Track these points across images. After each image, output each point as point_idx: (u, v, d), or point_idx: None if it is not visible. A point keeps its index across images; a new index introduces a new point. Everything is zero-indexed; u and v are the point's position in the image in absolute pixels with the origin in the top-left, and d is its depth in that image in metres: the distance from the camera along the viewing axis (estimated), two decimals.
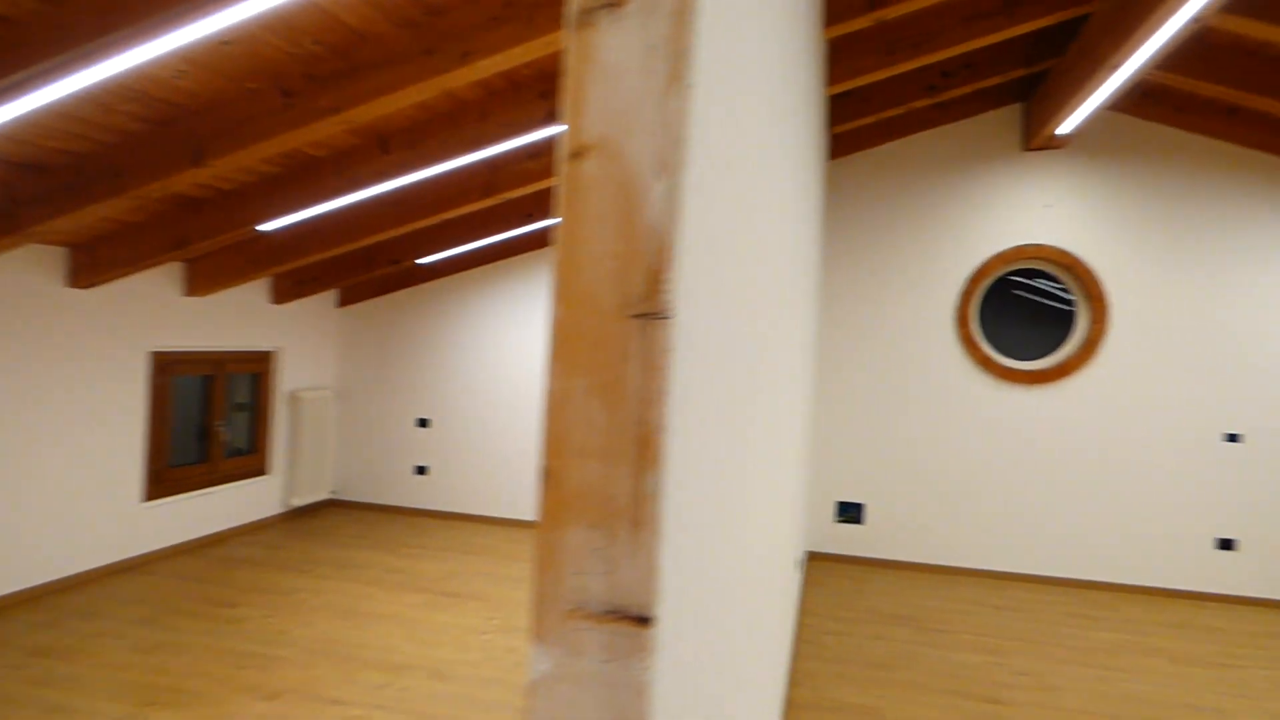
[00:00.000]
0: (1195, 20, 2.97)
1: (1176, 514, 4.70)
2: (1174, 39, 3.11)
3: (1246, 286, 4.62)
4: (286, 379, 5.57)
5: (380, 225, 4.27)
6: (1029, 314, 5.19)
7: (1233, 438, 4.63)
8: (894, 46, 3.64)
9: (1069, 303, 4.99)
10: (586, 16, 0.67)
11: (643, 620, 0.65)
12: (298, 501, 5.61)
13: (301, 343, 5.71)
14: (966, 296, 4.87)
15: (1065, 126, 4.25)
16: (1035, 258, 4.81)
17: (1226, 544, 4.65)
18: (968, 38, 3.51)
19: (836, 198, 5.11)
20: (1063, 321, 5.02)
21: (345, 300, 6.10)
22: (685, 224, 0.67)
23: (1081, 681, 3.43)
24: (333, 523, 5.54)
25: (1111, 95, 3.78)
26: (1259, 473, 4.61)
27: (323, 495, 5.87)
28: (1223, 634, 4.11)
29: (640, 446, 0.65)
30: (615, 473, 0.65)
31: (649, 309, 0.65)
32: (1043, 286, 5.16)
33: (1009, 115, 4.86)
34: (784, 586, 2.72)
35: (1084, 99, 3.79)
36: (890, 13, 3.11)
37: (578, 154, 0.67)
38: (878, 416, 5.04)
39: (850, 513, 5.08)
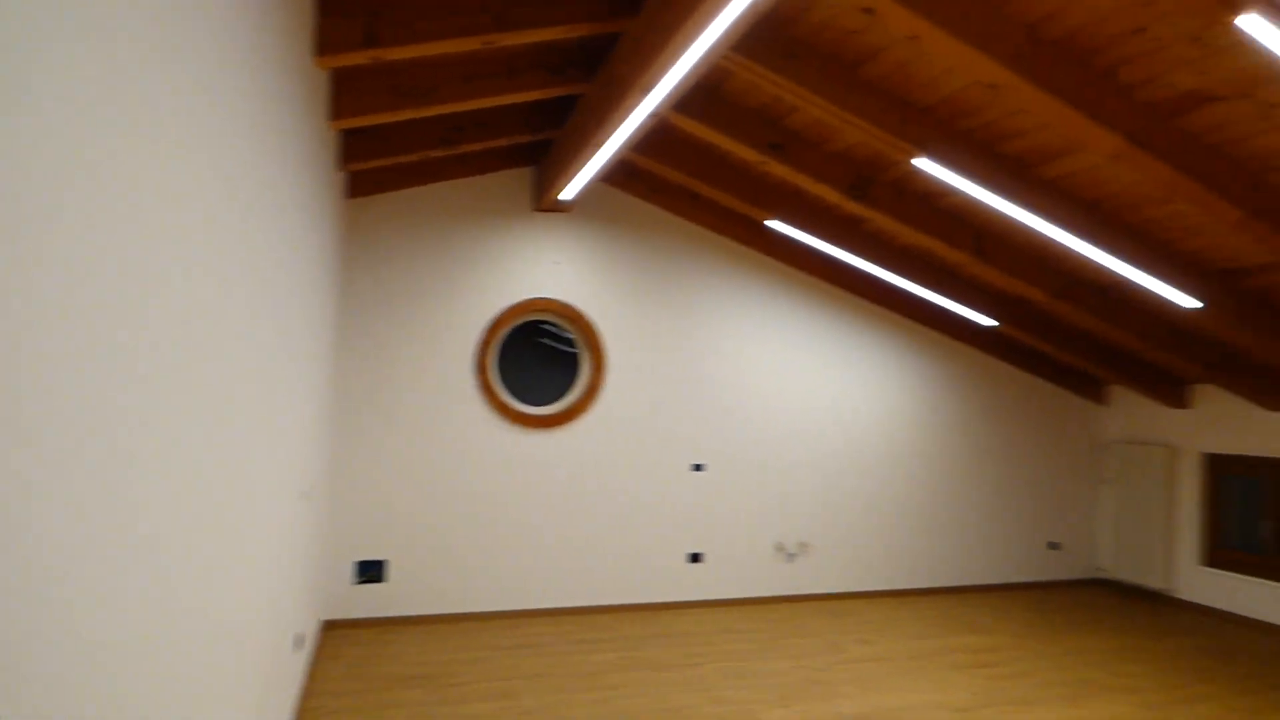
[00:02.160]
0: (654, 115, 3.48)
1: (659, 535, 5.44)
2: (641, 128, 3.61)
3: (709, 341, 5.62)
4: None
5: None
6: (557, 361, 5.57)
7: (698, 467, 5.55)
8: (403, 91, 3.57)
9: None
10: None
11: None
12: None
13: None
14: (485, 345, 5.02)
15: (567, 193, 4.68)
16: (545, 310, 5.19)
17: (696, 557, 5.53)
18: (471, 95, 3.60)
19: (361, 238, 4.85)
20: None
21: None
22: None
23: (584, 707, 3.66)
24: None
25: (601, 170, 4.26)
26: (717, 495, 5.60)
27: None
28: (691, 636, 4.82)
29: None
30: None
31: None
32: (566, 334, 5.61)
33: (521, 176, 5.20)
34: (272, 678, 2.33)
35: (578, 170, 4.19)
36: (388, 54, 3.02)
37: None
38: (400, 468, 4.87)
39: (371, 571, 4.78)
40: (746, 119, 4.09)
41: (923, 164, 3.71)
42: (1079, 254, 4.63)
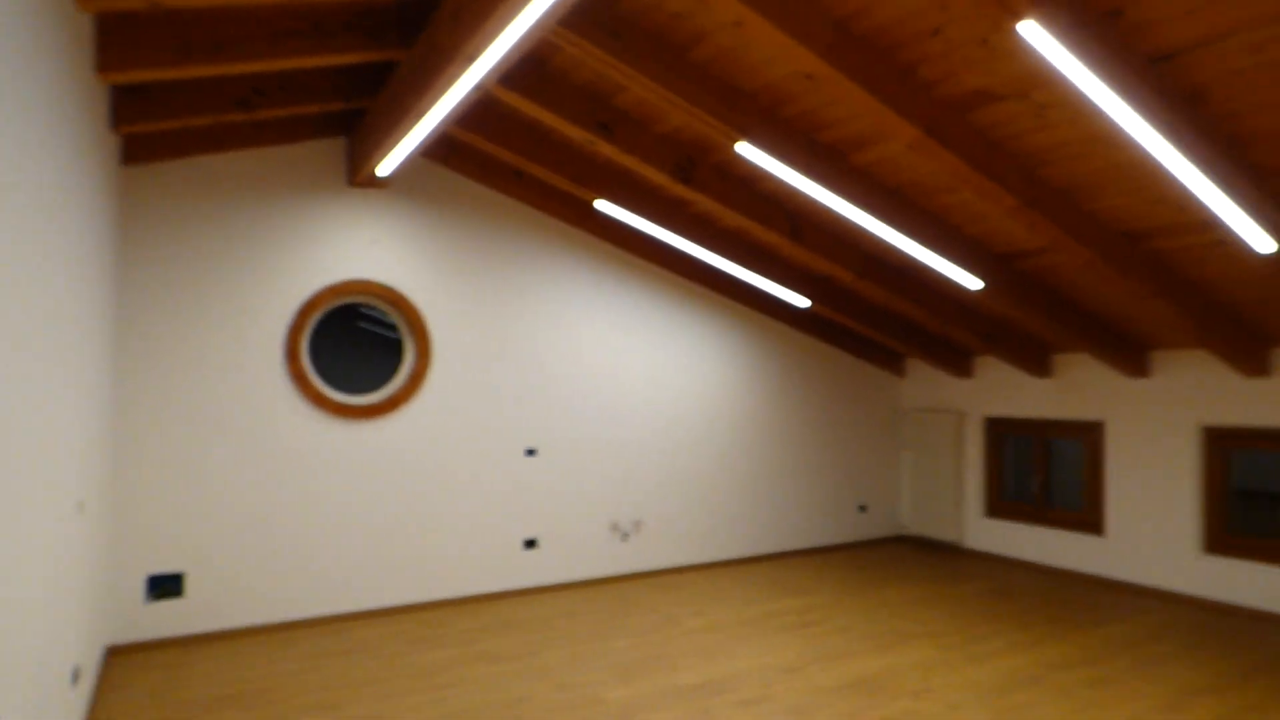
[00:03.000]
0: (478, 88, 3.31)
1: (493, 524, 5.30)
2: (464, 101, 3.43)
3: (539, 324, 5.51)
4: None
5: None
6: (381, 347, 5.21)
7: (531, 452, 5.46)
8: (189, 45, 3.16)
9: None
10: None
11: None
12: None
13: None
14: (296, 331, 4.62)
15: (384, 167, 4.38)
16: (363, 293, 4.86)
17: (531, 543, 5.45)
18: (273, 55, 3.25)
19: (145, 211, 4.26)
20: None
21: None
22: None
23: (417, 710, 3.48)
24: None
25: (422, 144, 4.01)
26: (550, 479, 5.54)
27: None
28: (530, 624, 4.75)
29: None
30: None
31: None
32: (390, 319, 5.27)
33: (334, 147, 4.80)
34: None
35: (396, 143, 3.93)
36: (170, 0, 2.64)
37: None
38: (199, 470, 4.37)
39: (167, 586, 4.27)
40: (574, 97, 4.01)
41: (745, 149, 3.82)
42: (881, 237, 5.00)
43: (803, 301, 6.11)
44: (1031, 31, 2.62)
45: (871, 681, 3.89)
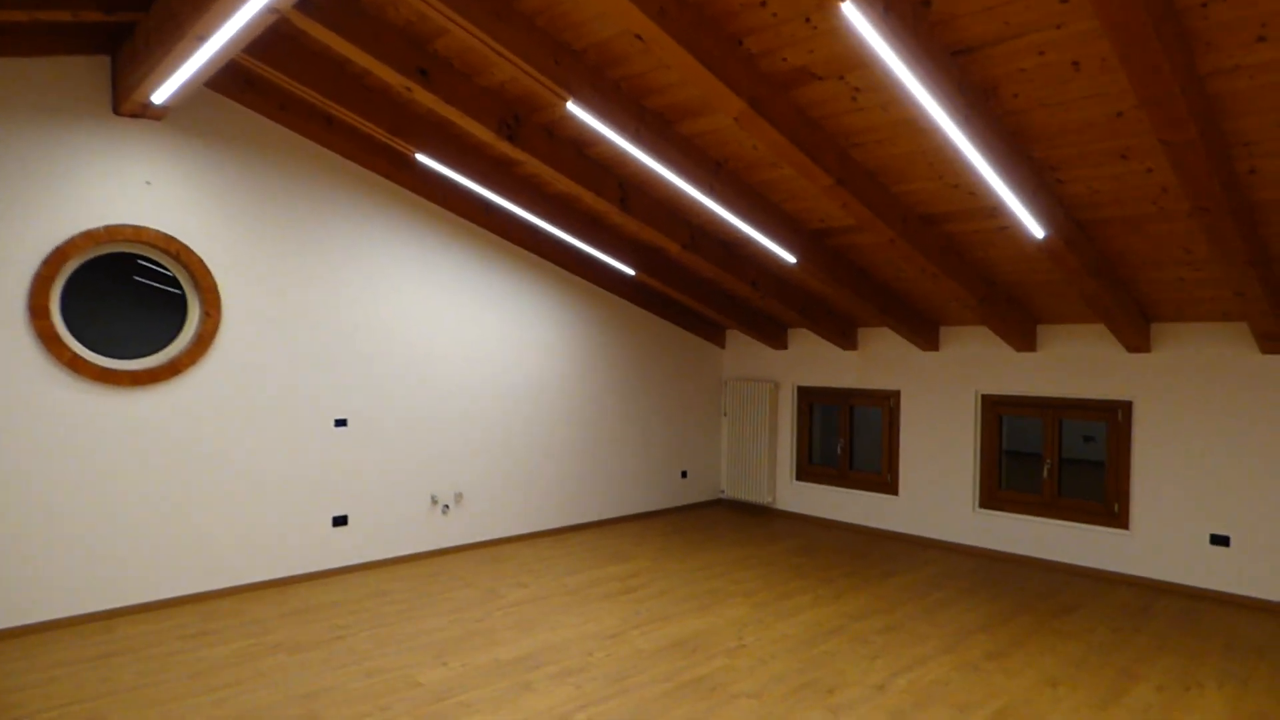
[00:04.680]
0: (273, 10, 2.91)
1: (296, 501, 4.87)
2: (255, 26, 3.01)
3: (351, 284, 5.08)
4: None
5: None
6: (163, 305, 4.50)
7: (341, 422, 5.06)
8: None
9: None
10: None
11: None
12: None
13: None
14: (44, 282, 3.92)
15: (159, 95, 3.80)
16: (135, 240, 4.22)
17: (340, 520, 5.07)
18: None
19: None
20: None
21: None
22: None
23: (194, 713, 3.11)
24: None
25: (204, 70, 3.51)
26: (364, 451, 5.17)
27: None
28: (337, 607, 4.42)
29: None
30: None
31: None
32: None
33: (95, 66, 4.10)
34: None
35: (172, 67, 3.40)
36: None
37: None
38: None
39: None
40: (391, 36, 3.67)
41: (575, 109, 3.67)
42: (706, 209, 5.06)
43: (629, 270, 6.09)
44: (851, 13, 2.67)
45: (690, 641, 3.98)
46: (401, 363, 5.36)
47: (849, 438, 7.01)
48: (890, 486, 6.61)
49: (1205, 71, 2.86)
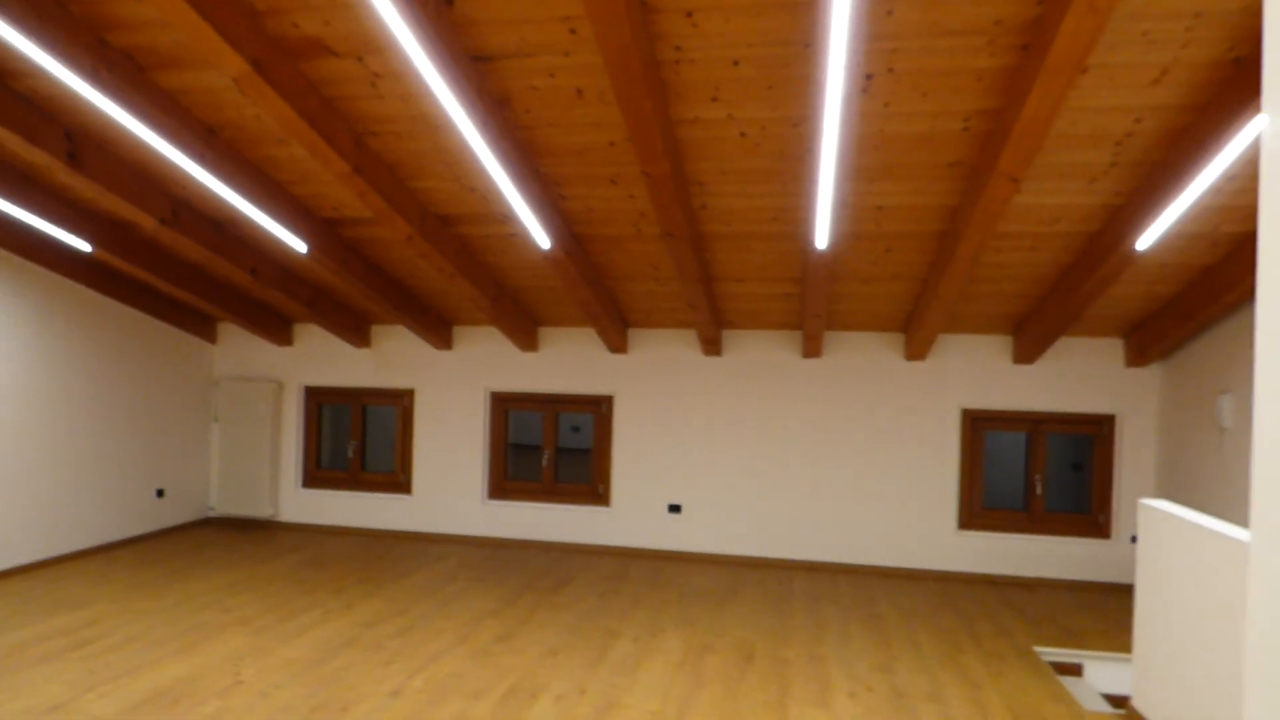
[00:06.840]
0: None
1: None
2: None
3: None
4: None
5: None
6: None
7: None
8: None
9: None
10: None
11: None
12: None
13: None
14: None
15: None
16: None
17: None
18: None
19: None
20: None
21: None
22: None
23: None
24: None
25: None
26: None
27: None
28: None
29: None
30: None
31: None
32: None
33: None
34: None
35: None
36: None
37: None
38: None
39: None
40: None
41: None
42: (194, 181, 4.33)
43: (84, 246, 4.87)
44: None
45: (171, 691, 3.33)
46: None
47: (362, 439, 6.75)
48: (404, 486, 6.56)
49: (676, 118, 3.45)
